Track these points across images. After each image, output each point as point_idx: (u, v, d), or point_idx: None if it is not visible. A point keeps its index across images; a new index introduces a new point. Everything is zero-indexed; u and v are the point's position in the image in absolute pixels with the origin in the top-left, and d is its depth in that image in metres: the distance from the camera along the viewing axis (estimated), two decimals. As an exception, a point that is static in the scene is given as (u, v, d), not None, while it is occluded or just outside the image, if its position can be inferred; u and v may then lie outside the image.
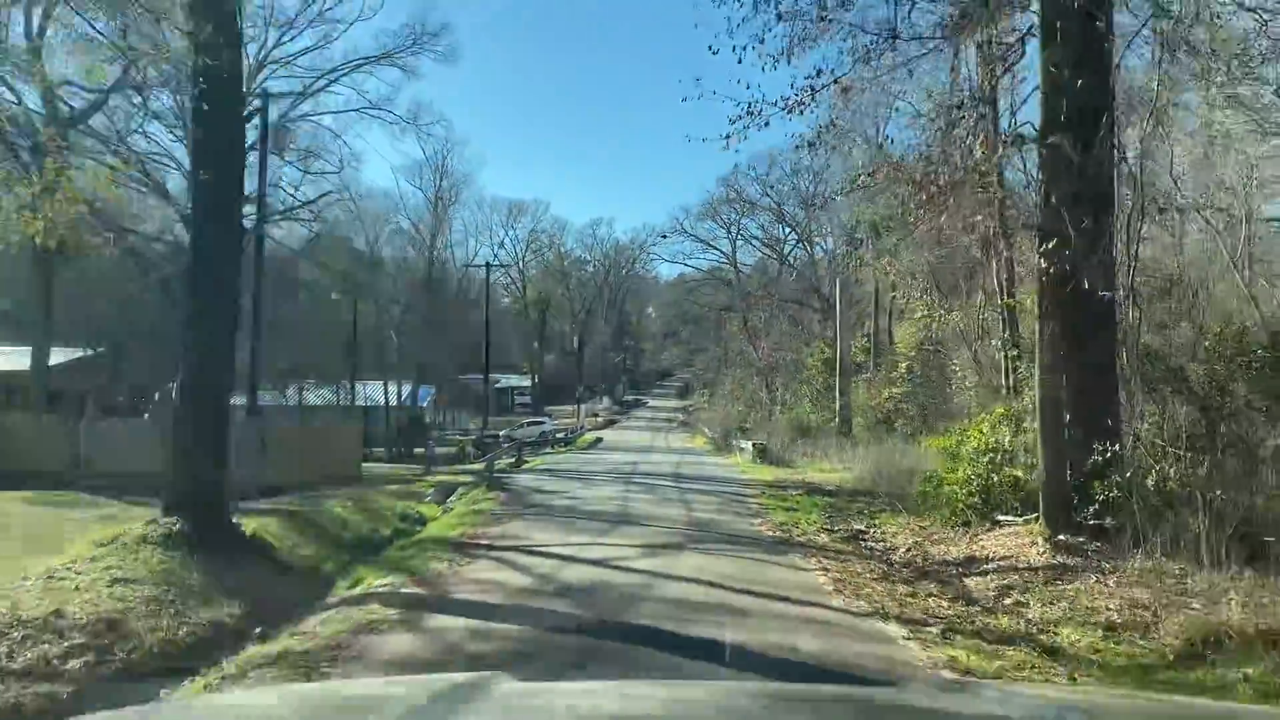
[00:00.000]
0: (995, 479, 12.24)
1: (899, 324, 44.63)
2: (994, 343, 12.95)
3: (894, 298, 47.89)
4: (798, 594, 8.46)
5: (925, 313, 13.47)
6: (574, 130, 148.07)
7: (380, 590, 8.79)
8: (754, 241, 73.26)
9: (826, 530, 14.09)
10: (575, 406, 77.82)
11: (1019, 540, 11.05)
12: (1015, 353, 12.54)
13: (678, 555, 10.59)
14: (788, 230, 70.89)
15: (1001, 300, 12.83)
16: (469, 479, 25.07)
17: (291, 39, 37.11)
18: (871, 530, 14.19)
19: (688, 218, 74.39)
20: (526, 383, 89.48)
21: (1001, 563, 10.48)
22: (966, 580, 10.17)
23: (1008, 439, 11.91)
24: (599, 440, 53.97)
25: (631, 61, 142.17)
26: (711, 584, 8.64)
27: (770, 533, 13.38)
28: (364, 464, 37.79)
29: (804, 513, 16.41)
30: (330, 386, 52.93)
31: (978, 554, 11.14)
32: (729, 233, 74.83)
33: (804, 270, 68.55)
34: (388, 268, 57.39)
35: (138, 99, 28.37)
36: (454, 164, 63.67)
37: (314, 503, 17.15)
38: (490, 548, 11.37)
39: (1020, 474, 11.77)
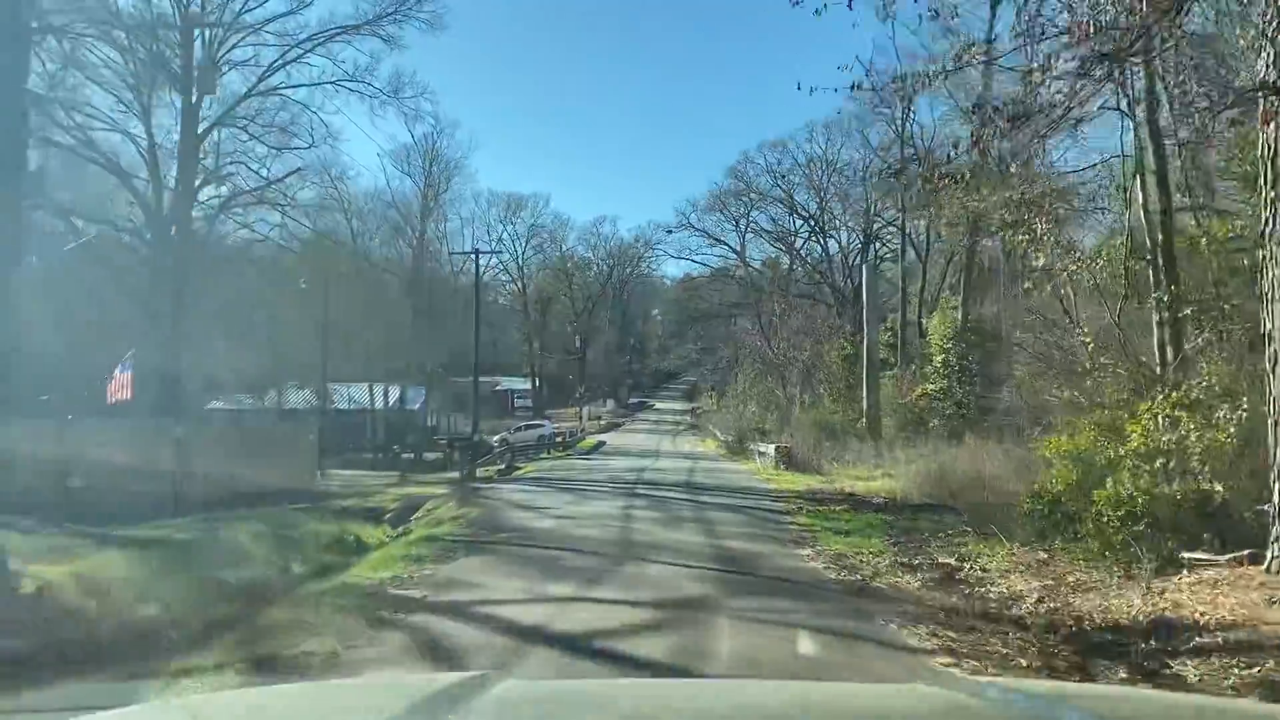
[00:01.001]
0: (1167, 494, 8.31)
1: (929, 315, 40.64)
2: (1151, 301, 8.97)
3: (923, 287, 43.91)
4: None
5: (1047, 261, 9.48)
6: (576, 127, 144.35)
7: None
8: (764, 234, 69.43)
9: (905, 567, 10.16)
10: (577, 409, 74.00)
11: (1239, 593, 7.11)
12: (1187, 312, 8.57)
13: (707, 625, 6.66)
14: (800, 222, 67.10)
15: (1159, 231, 8.88)
16: (445, 489, 21.27)
17: (261, 3, 33.49)
18: (967, 566, 10.24)
19: (694, 211, 70.58)
20: (527, 385, 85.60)
21: (1227, 633, 6.54)
22: (1175, 664, 6.26)
23: (1192, 438, 7.97)
24: (601, 444, 50.11)
25: (637, 56, 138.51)
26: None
27: (832, 573, 9.44)
28: (336, 471, 34.04)
29: (861, 537, 12.52)
30: (313, 389, 49.34)
31: (1170, 613, 7.20)
32: (737, 226, 71.09)
33: (817, 263, 64.82)
34: (377, 260, 53.48)
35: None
36: (445, 148, 59.17)
37: (225, 525, 13.31)
38: (419, 607, 7.49)
39: (1218, 488, 7.83)
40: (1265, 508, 7.43)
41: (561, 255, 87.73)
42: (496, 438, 52.26)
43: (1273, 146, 6.64)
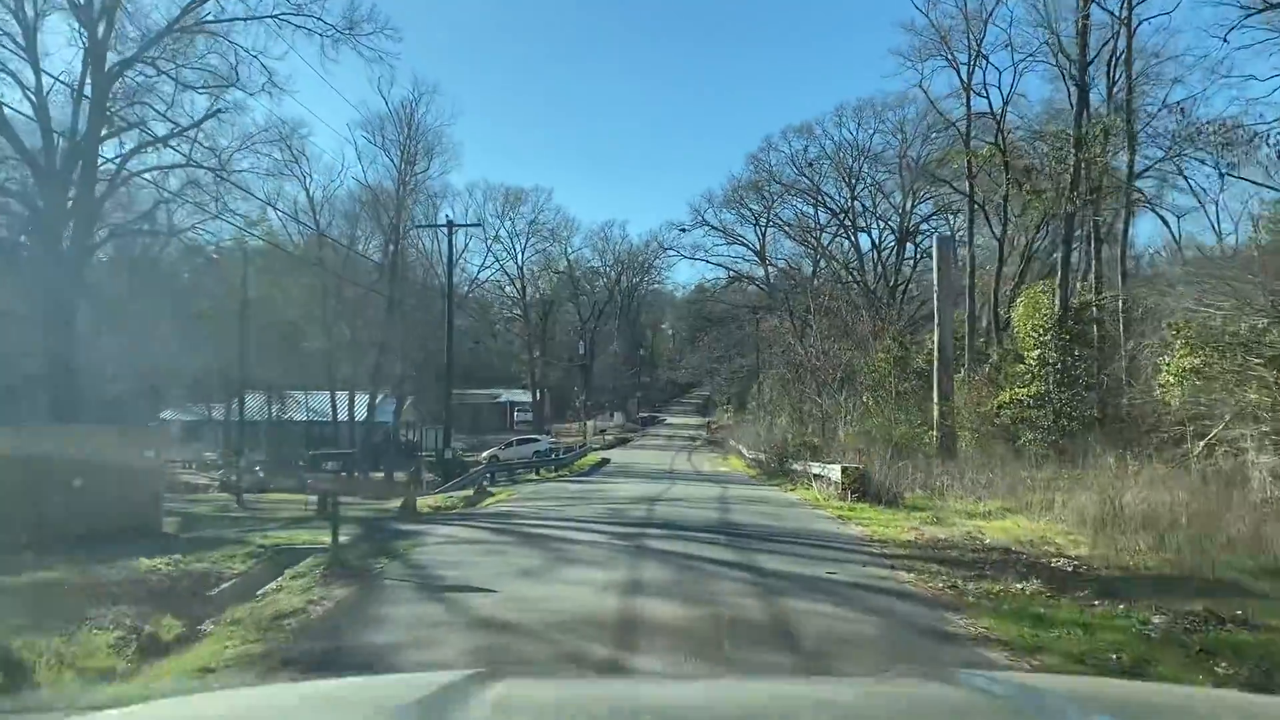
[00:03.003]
0: None
1: (1007, 306, 33.08)
2: None
3: (1000, 270, 36.20)
4: None
5: None
6: (582, 126, 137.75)
7: None
8: (788, 228, 62.01)
9: None
10: (580, 423, 66.53)
11: None
12: None
13: None
14: (827, 217, 59.74)
15: None
16: (354, 532, 13.89)
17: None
18: None
19: (710, 207, 63.22)
20: (529, 398, 78.19)
21: None
22: None
23: None
24: (604, 462, 42.60)
25: (645, 55, 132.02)
26: None
27: None
28: (261, 495, 26.70)
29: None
30: (270, 396, 42.12)
31: None
32: (757, 224, 63.72)
33: (847, 260, 57.48)
34: (340, 240, 46.11)
35: None
36: (424, 117, 50.89)
37: None
38: None
39: None
40: None
41: (567, 259, 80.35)
42: (485, 454, 44.93)
43: None
